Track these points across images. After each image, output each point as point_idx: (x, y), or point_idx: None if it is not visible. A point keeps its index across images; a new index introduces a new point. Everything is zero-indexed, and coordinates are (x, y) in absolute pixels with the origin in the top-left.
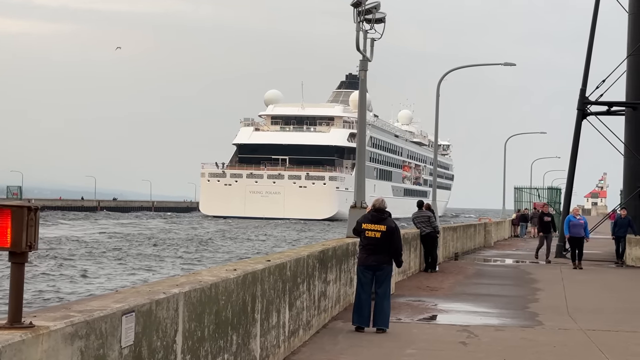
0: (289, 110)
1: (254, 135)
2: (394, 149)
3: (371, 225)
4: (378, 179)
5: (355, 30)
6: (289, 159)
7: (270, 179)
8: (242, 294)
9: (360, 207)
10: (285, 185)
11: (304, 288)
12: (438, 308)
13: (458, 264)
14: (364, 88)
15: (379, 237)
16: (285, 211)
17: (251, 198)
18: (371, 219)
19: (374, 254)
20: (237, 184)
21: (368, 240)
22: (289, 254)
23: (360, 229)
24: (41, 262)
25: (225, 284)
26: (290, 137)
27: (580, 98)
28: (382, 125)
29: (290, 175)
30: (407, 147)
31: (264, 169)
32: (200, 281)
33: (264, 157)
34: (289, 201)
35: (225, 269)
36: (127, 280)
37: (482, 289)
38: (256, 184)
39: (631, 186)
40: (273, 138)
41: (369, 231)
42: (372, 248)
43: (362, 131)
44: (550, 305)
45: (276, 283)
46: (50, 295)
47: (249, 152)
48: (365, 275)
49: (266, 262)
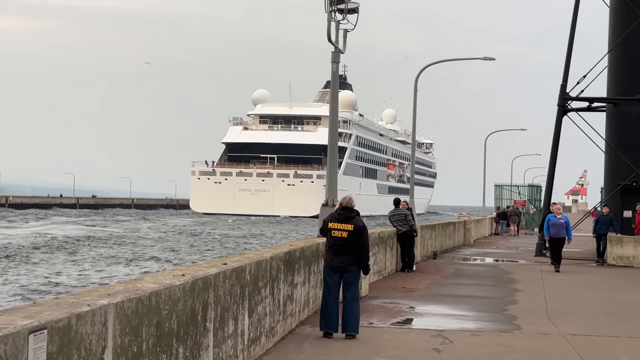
0: (277, 109)
1: (243, 134)
2: (379, 148)
3: (338, 225)
4: (364, 177)
5: (327, 21)
6: (277, 158)
7: (260, 177)
8: (190, 301)
9: (332, 205)
10: (274, 183)
11: (266, 292)
12: (413, 311)
13: (436, 263)
14: (335, 80)
15: (345, 237)
16: (274, 208)
17: (241, 196)
18: (338, 218)
19: (340, 254)
20: (227, 182)
21: (334, 241)
22: (250, 256)
23: (326, 229)
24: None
25: (170, 292)
26: (279, 136)
27: (561, 94)
28: (368, 125)
29: (278, 173)
30: (392, 146)
31: (253, 168)
32: (138, 289)
33: (252, 155)
34: (277, 199)
35: (173, 274)
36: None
37: (459, 290)
38: (245, 182)
39: (612, 183)
40: (261, 137)
41: (336, 230)
42: (338, 249)
43: (334, 127)
44: (529, 307)
45: (233, 288)
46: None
47: (238, 150)
48: (332, 278)
49: (222, 265)
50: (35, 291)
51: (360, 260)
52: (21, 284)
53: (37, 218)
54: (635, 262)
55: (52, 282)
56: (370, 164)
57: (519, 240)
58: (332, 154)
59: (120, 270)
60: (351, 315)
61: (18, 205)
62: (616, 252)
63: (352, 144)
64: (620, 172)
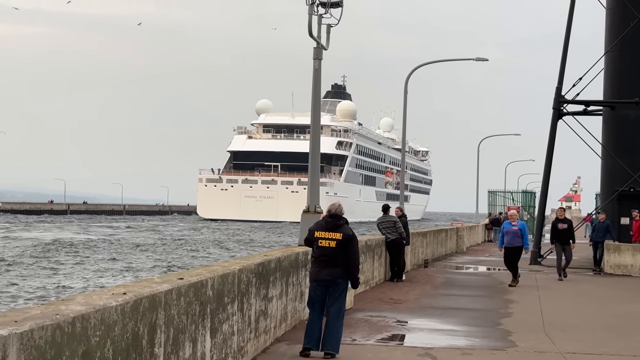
0: (280, 119)
1: (248, 143)
2: (377, 156)
3: (325, 234)
4: (363, 185)
5: (308, 14)
6: (280, 166)
7: (264, 185)
8: (132, 325)
9: (314, 211)
10: (279, 190)
11: (233, 309)
12: (400, 325)
13: (427, 272)
14: (318, 79)
15: (333, 246)
16: (278, 214)
17: (246, 202)
18: (325, 226)
19: (327, 267)
20: (232, 189)
21: (322, 251)
22: (214, 269)
23: (312, 238)
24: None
25: (102, 315)
26: (282, 145)
27: (556, 97)
28: (367, 134)
29: (282, 181)
30: (389, 154)
31: (258, 175)
32: (58, 314)
33: (257, 163)
34: (281, 205)
35: (112, 292)
36: None
37: (450, 302)
38: (251, 189)
39: (609, 189)
40: (265, 146)
41: (323, 240)
42: (325, 260)
43: (316, 129)
44: (524, 321)
45: (190, 306)
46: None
47: (243, 158)
48: (316, 292)
49: (177, 280)
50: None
51: (350, 272)
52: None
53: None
54: (634, 270)
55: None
56: (369, 171)
57: None
58: (314, 157)
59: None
60: (333, 332)
61: (8, 211)
62: (613, 261)
63: (353, 152)
64: (617, 178)
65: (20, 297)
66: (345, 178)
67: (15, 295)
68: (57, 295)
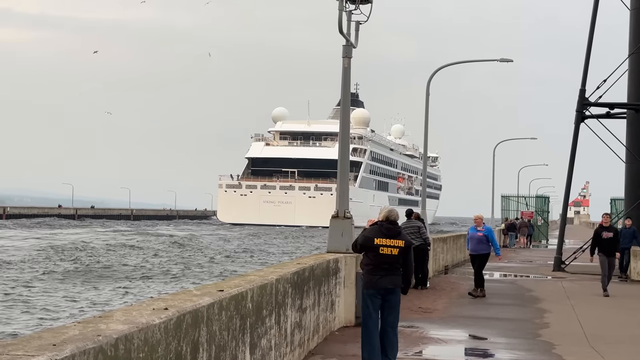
0: (296, 126)
1: (265, 150)
2: (390, 162)
3: (386, 241)
4: (376, 190)
5: (338, 10)
6: (297, 172)
7: (282, 190)
8: (175, 344)
9: (343, 217)
10: (296, 195)
11: (271, 322)
12: (435, 337)
13: (449, 279)
14: (347, 78)
15: (395, 254)
16: (296, 219)
17: (265, 207)
18: (386, 233)
19: (389, 274)
20: (251, 194)
21: (383, 259)
22: (252, 279)
23: (371, 245)
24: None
25: (146, 334)
26: (298, 152)
27: (580, 99)
28: (379, 140)
29: (300, 186)
30: (401, 160)
31: (277, 181)
32: (99, 335)
33: (274, 169)
34: (299, 210)
35: (153, 307)
36: None
37: (481, 311)
38: (269, 194)
39: (633, 194)
40: (282, 152)
41: (385, 247)
42: (387, 268)
43: (346, 131)
44: (564, 332)
45: (231, 321)
46: None
47: (260, 164)
48: (373, 301)
49: (217, 292)
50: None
51: (407, 279)
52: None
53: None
54: None
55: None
56: (382, 177)
57: (530, 253)
58: (343, 161)
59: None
60: (393, 343)
61: (16, 215)
62: None
63: (367, 159)
64: None
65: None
66: (360, 184)
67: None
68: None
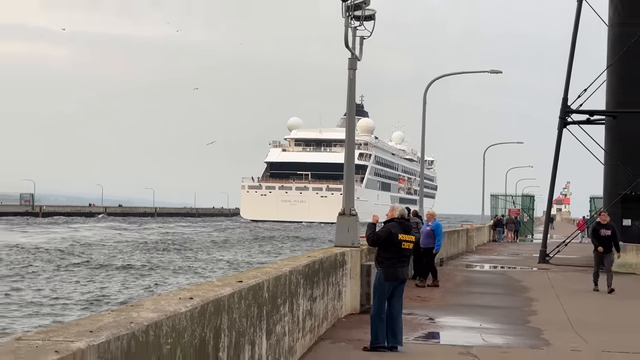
0: (309, 134)
1: (282, 155)
2: (392, 165)
3: (406, 236)
4: (380, 190)
5: (344, 26)
6: (310, 174)
7: (298, 191)
8: (199, 330)
9: (349, 214)
10: (310, 195)
11: (285, 310)
12: (433, 323)
13: (445, 270)
14: (352, 88)
15: (411, 248)
16: (309, 216)
17: (282, 205)
18: (405, 229)
19: (405, 266)
20: (270, 194)
21: (403, 252)
22: (268, 270)
23: (396, 240)
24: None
25: (173, 321)
26: (312, 157)
27: (563, 106)
28: (382, 146)
29: (314, 187)
30: (401, 163)
31: (293, 183)
32: (132, 322)
33: (290, 172)
34: (312, 208)
35: (179, 296)
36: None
37: (475, 299)
38: (286, 194)
39: (612, 193)
40: (297, 157)
41: (406, 242)
42: (406, 260)
43: (351, 135)
44: (551, 319)
45: (249, 309)
46: None
47: (278, 168)
48: (389, 291)
49: (237, 283)
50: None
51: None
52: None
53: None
54: (639, 269)
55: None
56: (385, 178)
57: (517, 247)
58: (348, 164)
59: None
60: (400, 326)
61: (52, 213)
62: (618, 261)
63: (372, 163)
64: (619, 182)
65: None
66: (366, 185)
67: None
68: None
